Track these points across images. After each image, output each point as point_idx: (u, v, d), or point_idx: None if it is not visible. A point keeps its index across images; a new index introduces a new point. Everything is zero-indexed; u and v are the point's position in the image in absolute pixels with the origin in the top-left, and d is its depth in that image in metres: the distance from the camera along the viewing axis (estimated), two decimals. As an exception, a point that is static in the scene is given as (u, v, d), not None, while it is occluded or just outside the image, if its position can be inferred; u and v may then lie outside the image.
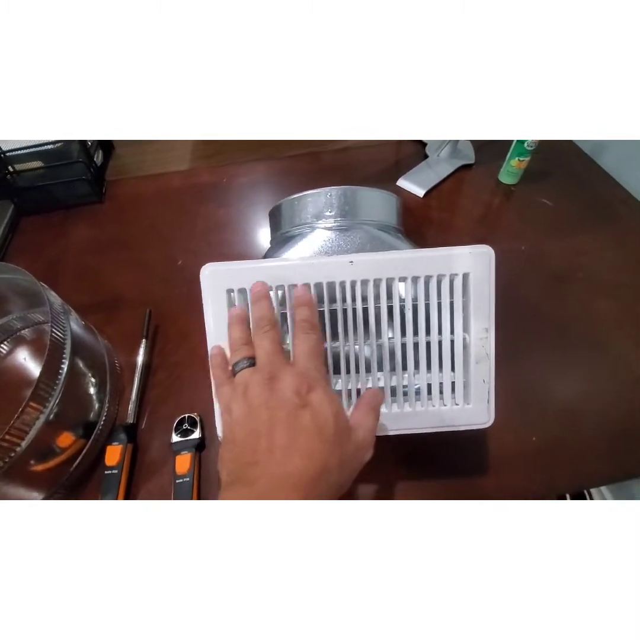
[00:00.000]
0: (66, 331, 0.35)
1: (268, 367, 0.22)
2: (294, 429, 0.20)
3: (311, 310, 0.24)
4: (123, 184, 0.68)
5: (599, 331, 0.45)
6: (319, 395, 0.21)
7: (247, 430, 0.20)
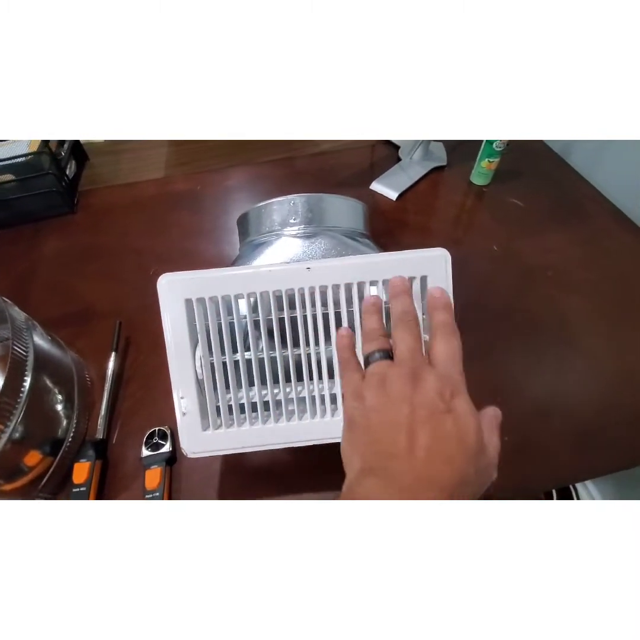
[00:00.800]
0: (28, 347, 0.34)
1: (410, 363, 0.21)
2: (437, 432, 0.19)
3: (450, 314, 0.23)
4: (96, 193, 0.67)
5: (569, 328, 0.46)
6: (462, 403, 0.20)
7: (386, 420, 0.20)
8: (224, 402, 0.29)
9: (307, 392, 0.29)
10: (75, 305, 0.51)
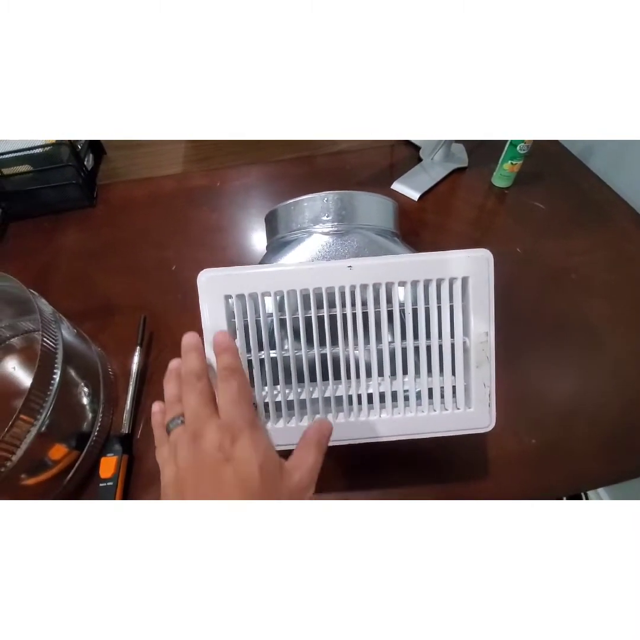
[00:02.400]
0: (57, 340, 0.34)
1: (192, 425, 0.22)
2: (217, 486, 0.19)
3: (231, 355, 0.24)
4: (114, 187, 0.67)
5: (593, 332, 0.46)
6: (243, 446, 0.20)
7: (176, 492, 0.20)
8: (260, 399, 0.28)
9: (344, 391, 0.29)
10: (97, 299, 0.51)
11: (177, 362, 0.26)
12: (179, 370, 0.25)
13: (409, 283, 0.27)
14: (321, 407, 0.29)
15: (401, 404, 0.29)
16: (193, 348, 0.25)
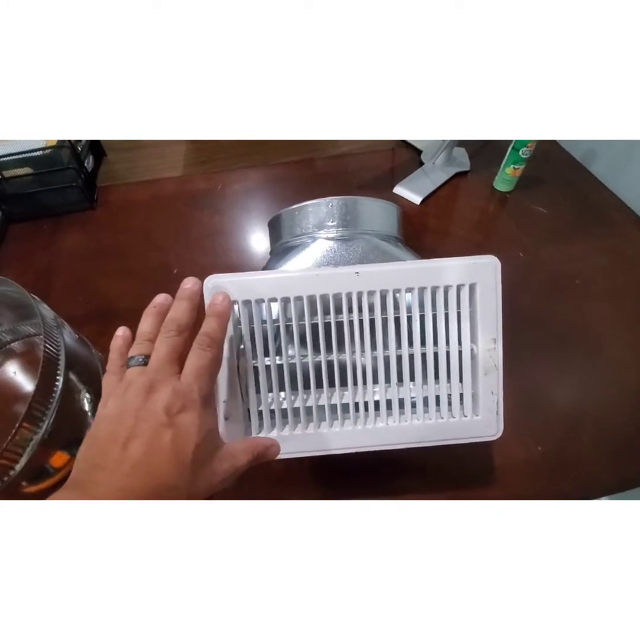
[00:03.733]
0: (60, 346, 0.34)
1: (152, 374, 0.21)
2: (151, 445, 0.19)
3: (220, 324, 0.23)
4: (115, 190, 0.66)
5: (598, 337, 0.46)
6: (188, 418, 0.20)
7: (110, 431, 0.20)
8: (266, 406, 0.28)
9: (351, 398, 0.28)
10: (98, 303, 0.50)
11: (163, 297, 0.25)
12: (163, 308, 0.24)
13: (416, 290, 0.27)
14: (327, 414, 0.28)
15: (408, 411, 0.28)
16: (188, 296, 0.24)
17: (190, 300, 0.24)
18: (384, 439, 0.28)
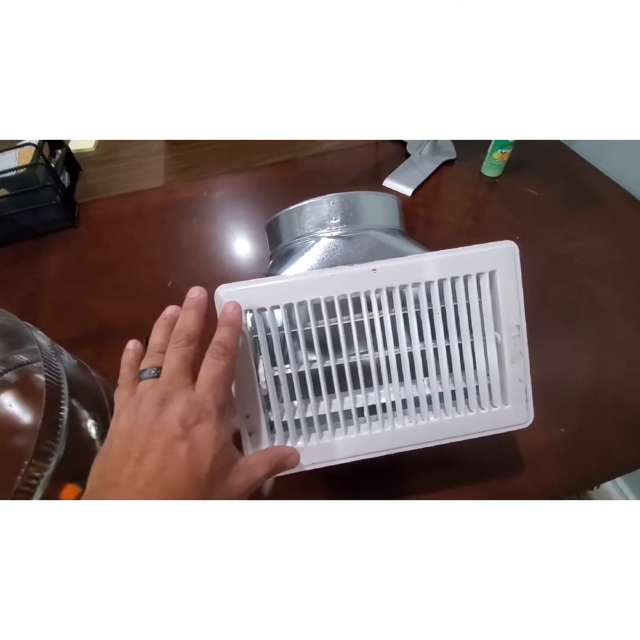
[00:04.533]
0: (61, 374, 0.32)
1: (165, 386, 0.21)
2: (166, 459, 0.19)
3: (232, 333, 0.23)
4: (96, 205, 0.64)
5: (604, 316, 0.46)
6: (204, 429, 0.20)
7: (123, 447, 0.19)
8: (290, 416, 0.27)
9: (377, 399, 0.27)
10: (91, 324, 0.48)
11: (173, 309, 0.24)
12: (174, 319, 0.23)
13: (435, 282, 0.26)
14: (355, 419, 0.27)
15: (437, 407, 0.28)
16: (195, 305, 0.23)
17: (197, 309, 0.23)
18: (414, 439, 0.27)
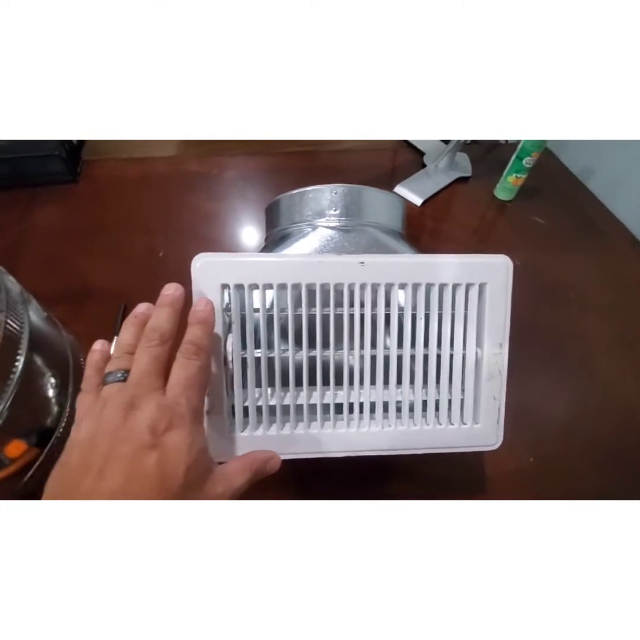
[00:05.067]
0: (23, 323, 0.30)
1: (132, 389, 0.19)
2: (133, 471, 0.17)
3: (204, 331, 0.21)
4: (102, 164, 0.62)
5: (589, 350, 0.46)
6: (177, 436, 0.18)
7: (82, 457, 0.17)
8: (253, 402, 0.26)
9: (345, 399, 0.26)
10: (73, 283, 0.46)
11: (145, 307, 0.22)
12: (146, 317, 0.22)
13: (423, 286, 0.25)
14: (319, 415, 0.26)
15: (405, 416, 0.26)
16: (170, 303, 0.22)
17: (172, 307, 0.22)
18: (378, 444, 0.26)
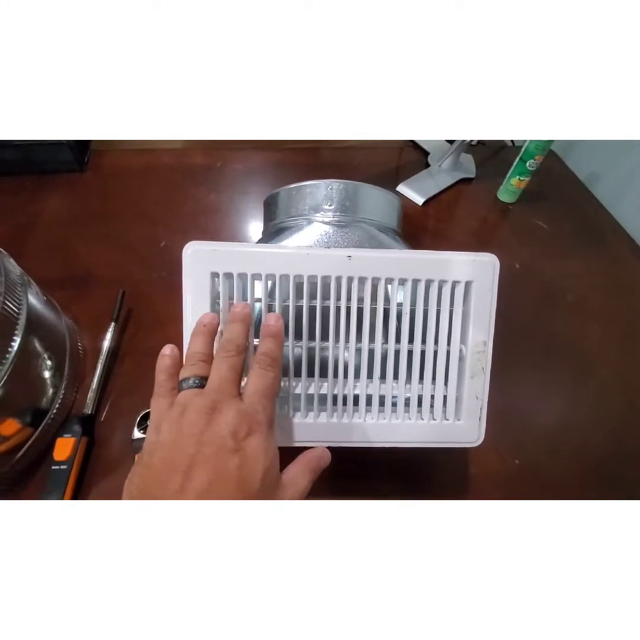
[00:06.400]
0: (21, 305, 0.31)
1: (213, 395, 0.20)
2: (217, 473, 0.18)
3: (277, 344, 0.23)
4: (109, 154, 0.63)
5: (584, 356, 0.45)
6: (256, 442, 0.19)
7: (168, 459, 0.18)
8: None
9: (329, 390, 0.27)
10: (75, 269, 0.47)
11: (210, 317, 0.24)
12: (213, 327, 0.23)
13: (409, 281, 0.26)
14: (303, 405, 0.27)
15: (388, 409, 0.27)
16: (242, 319, 0.23)
17: (244, 323, 0.23)
18: (360, 436, 0.27)
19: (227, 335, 0.22)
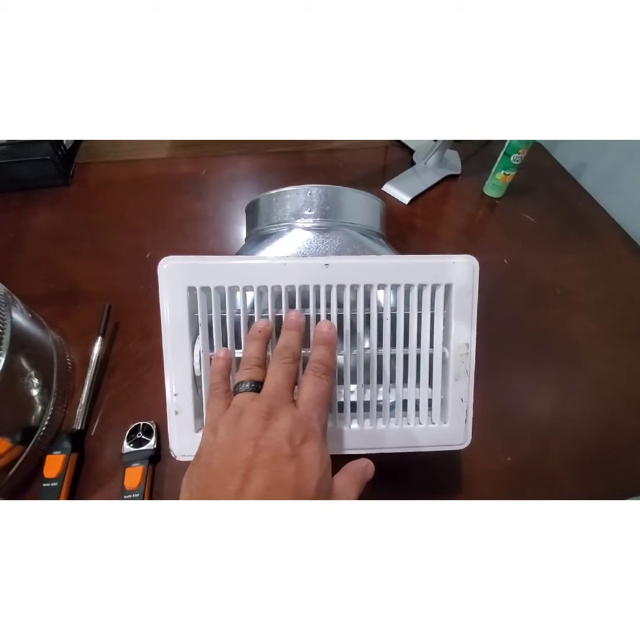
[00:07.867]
0: (5, 323, 0.31)
1: (270, 400, 0.20)
2: (274, 477, 0.18)
3: (331, 352, 0.23)
4: (94, 167, 0.63)
5: (575, 349, 0.45)
6: (311, 449, 0.19)
7: (227, 460, 0.19)
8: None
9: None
10: (61, 284, 0.47)
11: (264, 323, 0.24)
12: (267, 333, 0.24)
13: (389, 286, 0.26)
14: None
15: (373, 415, 0.27)
16: (297, 327, 0.24)
17: (299, 331, 0.24)
18: (345, 444, 0.27)
19: (283, 342, 0.23)
